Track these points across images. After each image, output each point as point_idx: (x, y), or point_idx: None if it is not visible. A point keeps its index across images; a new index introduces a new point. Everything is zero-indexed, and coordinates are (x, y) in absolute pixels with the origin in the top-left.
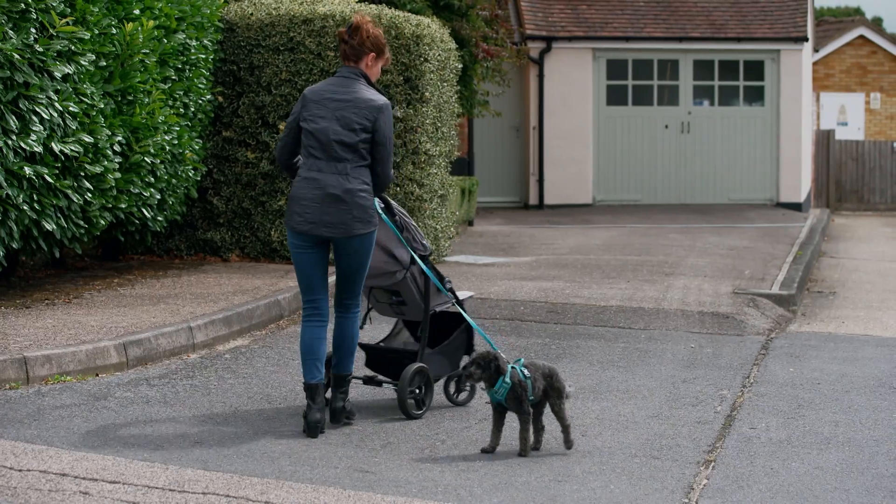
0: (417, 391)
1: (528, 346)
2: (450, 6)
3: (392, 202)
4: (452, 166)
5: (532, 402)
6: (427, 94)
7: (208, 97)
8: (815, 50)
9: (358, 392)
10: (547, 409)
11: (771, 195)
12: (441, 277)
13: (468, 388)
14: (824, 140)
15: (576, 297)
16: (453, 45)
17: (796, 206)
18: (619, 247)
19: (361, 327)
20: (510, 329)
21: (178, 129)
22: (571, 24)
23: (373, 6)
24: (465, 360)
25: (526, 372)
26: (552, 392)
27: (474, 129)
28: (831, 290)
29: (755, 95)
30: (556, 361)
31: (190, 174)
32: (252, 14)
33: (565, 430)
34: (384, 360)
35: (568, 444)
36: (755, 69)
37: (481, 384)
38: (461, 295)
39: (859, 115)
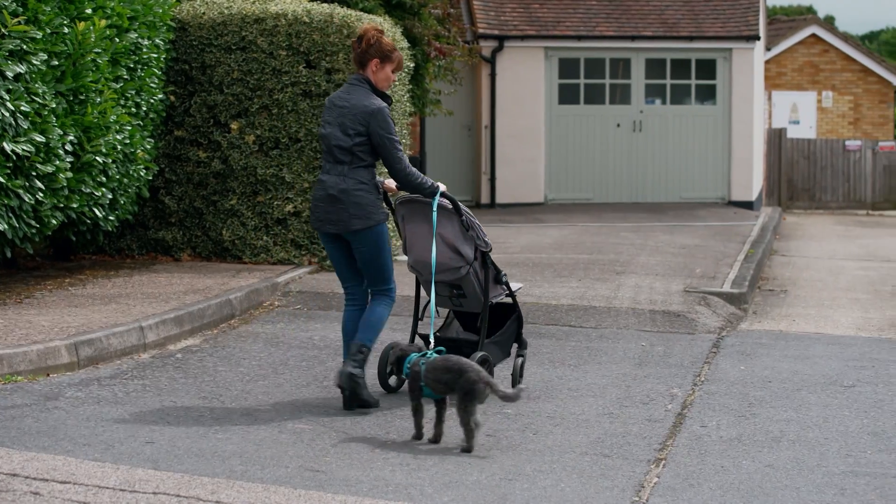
0: None
1: None
2: (402, 5)
3: (458, 202)
4: None
5: (431, 396)
6: None
7: (160, 96)
8: (768, 48)
9: (312, 393)
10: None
11: (723, 194)
12: (498, 271)
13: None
14: (776, 138)
15: (527, 296)
16: (405, 44)
17: (748, 205)
18: (570, 245)
19: (421, 319)
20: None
21: (129, 128)
22: (524, 23)
23: (325, 5)
24: (514, 347)
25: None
26: (457, 390)
27: (426, 127)
28: (783, 288)
29: (707, 94)
30: (505, 361)
31: (142, 173)
32: (204, 13)
33: (464, 433)
34: (446, 350)
35: (464, 448)
36: (707, 68)
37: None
38: (513, 286)
39: (811, 114)
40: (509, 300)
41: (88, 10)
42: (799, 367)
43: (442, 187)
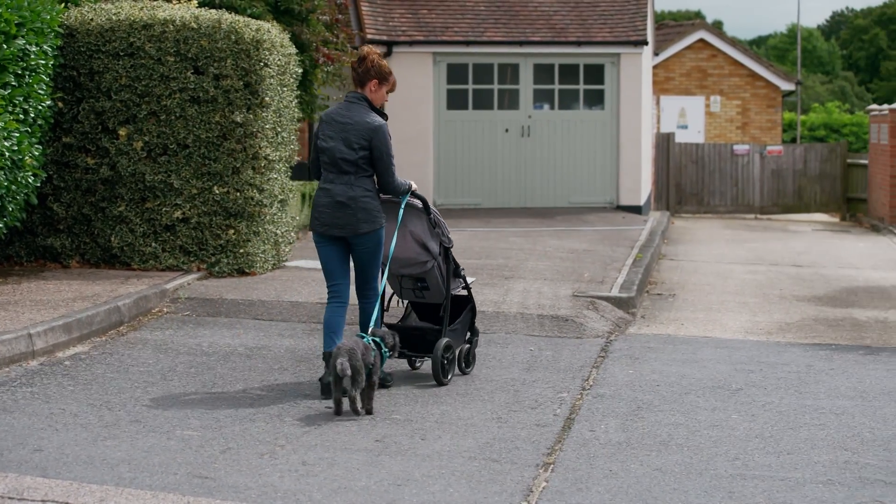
0: (445, 361)
1: None
2: (290, 11)
3: (427, 201)
4: (293, 171)
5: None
6: (267, 98)
7: (48, 103)
8: (656, 53)
9: (200, 400)
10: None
11: (611, 198)
12: (457, 265)
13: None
14: (664, 143)
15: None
16: (293, 50)
17: (636, 209)
18: (459, 250)
19: (386, 310)
20: (350, 333)
21: (17, 135)
22: (412, 29)
23: (213, 11)
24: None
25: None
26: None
27: (315, 133)
28: (671, 292)
29: (595, 99)
30: (394, 366)
31: (30, 180)
32: (92, 19)
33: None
34: (410, 337)
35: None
36: (595, 73)
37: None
38: (468, 280)
39: (699, 118)
40: (464, 292)
41: None
42: (687, 371)
43: (413, 186)
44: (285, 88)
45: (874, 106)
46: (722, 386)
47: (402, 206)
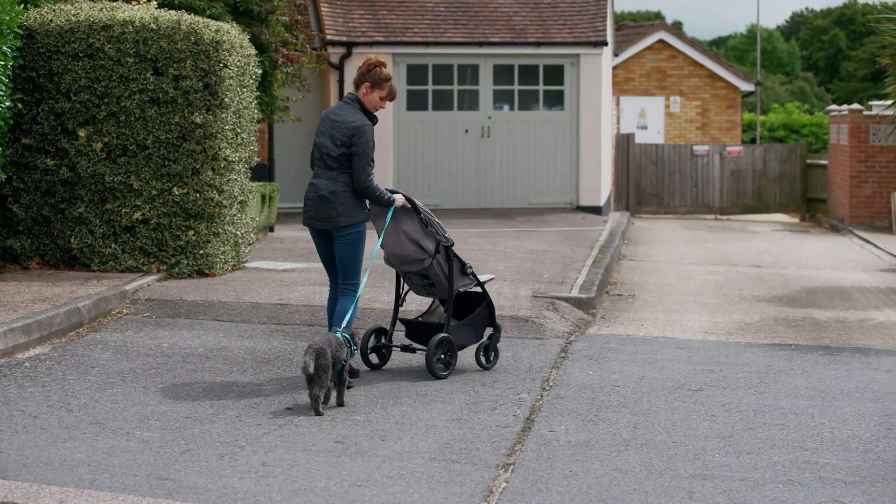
0: (443, 356)
1: None
2: (249, 12)
3: (417, 202)
4: (253, 172)
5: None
6: (227, 99)
7: (7, 104)
8: (616, 54)
9: (160, 401)
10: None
11: (571, 199)
12: (463, 264)
13: (492, 356)
14: (624, 143)
15: (375, 302)
16: (253, 51)
17: (596, 210)
18: None
19: (401, 305)
20: (310, 334)
21: None
22: (372, 30)
23: (172, 12)
24: (488, 331)
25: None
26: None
27: (275, 134)
28: (631, 292)
29: (555, 100)
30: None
31: None
32: (52, 20)
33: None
34: (420, 332)
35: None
36: (555, 73)
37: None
38: (482, 277)
39: (659, 119)
40: (479, 290)
41: None
42: (647, 372)
43: (398, 202)
44: (245, 89)
45: (834, 107)
46: (682, 386)
47: (387, 221)
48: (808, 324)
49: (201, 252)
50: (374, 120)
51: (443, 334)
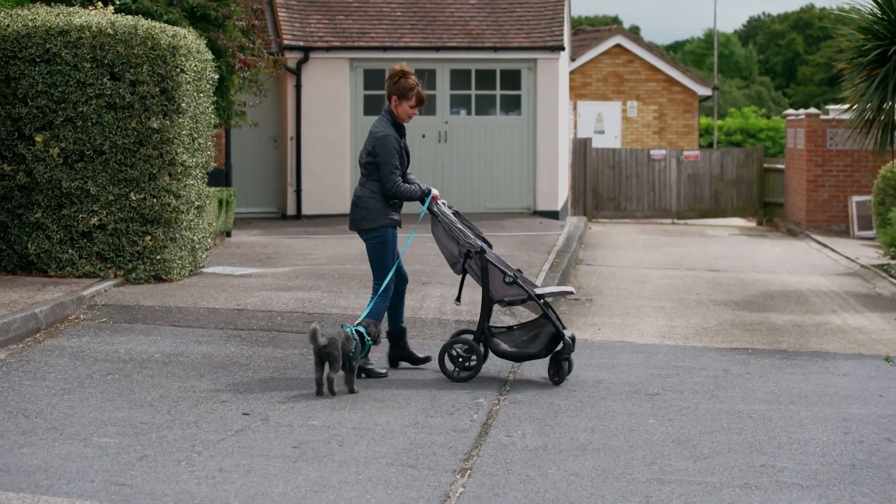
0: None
1: (285, 356)
2: (206, 17)
3: (441, 207)
4: (209, 177)
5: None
6: (183, 104)
7: None
8: (573, 59)
9: (117, 406)
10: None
11: (528, 203)
12: (504, 272)
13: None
14: (581, 148)
15: (333, 307)
16: (210, 56)
17: (553, 215)
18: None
19: (458, 300)
20: (267, 340)
21: None
22: (329, 34)
23: (129, 17)
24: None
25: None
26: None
27: (231, 139)
28: (588, 297)
29: (512, 104)
30: (312, 372)
31: None
32: (8, 25)
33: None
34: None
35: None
36: (512, 78)
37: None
38: (543, 290)
39: (616, 124)
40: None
41: None
42: (604, 376)
43: (434, 193)
44: (202, 94)
45: (791, 111)
46: (639, 390)
47: (421, 213)
48: (765, 328)
49: (158, 257)
50: (400, 131)
51: (463, 337)
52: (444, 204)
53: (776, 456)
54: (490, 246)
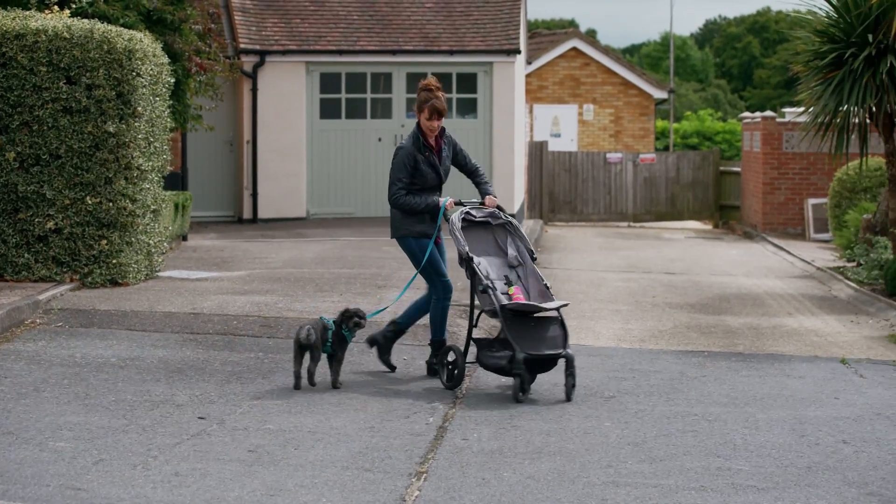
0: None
1: (241, 360)
2: (162, 20)
3: (455, 221)
4: (165, 181)
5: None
6: (139, 108)
7: None
8: (529, 62)
9: (73, 411)
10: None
11: None
12: (480, 282)
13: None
14: (538, 151)
15: (289, 311)
16: (166, 60)
17: None
18: (332, 260)
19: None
20: (223, 344)
21: None
22: (285, 38)
23: (85, 21)
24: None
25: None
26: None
27: (188, 143)
28: None
29: (468, 107)
30: (267, 376)
31: None
32: None
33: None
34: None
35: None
36: (468, 81)
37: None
38: (550, 304)
39: (572, 127)
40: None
41: None
42: (560, 379)
43: (447, 204)
44: (158, 98)
45: (747, 114)
46: (594, 393)
47: (440, 212)
48: (721, 330)
49: (114, 261)
50: (418, 146)
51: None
52: (467, 211)
53: (732, 458)
54: (533, 257)
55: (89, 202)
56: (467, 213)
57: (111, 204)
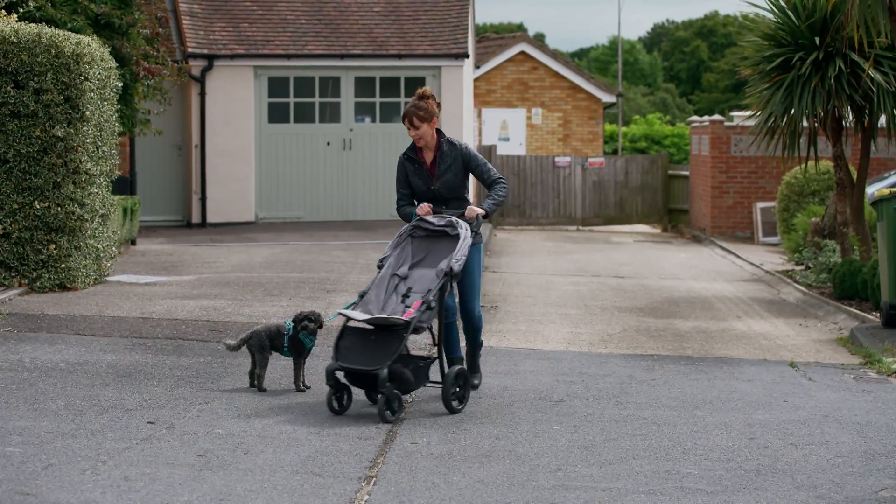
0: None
1: (190, 364)
2: (110, 25)
3: (426, 226)
4: (114, 186)
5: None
6: (87, 113)
7: None
8: (477, 66)
9: (22, 415)
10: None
11: None
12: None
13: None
14: (486, 155)
15: (238, 315)
16: (114, 64)
17: None
18: (281, 264)
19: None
20: (172, 348)
21: None
22: (233, 42)
23: (33, 25)
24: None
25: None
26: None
27: (136, 147)
28: (493, 304)
29: None
30: (217, 380)
31: None
32: None
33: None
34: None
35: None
36: (416, 85)
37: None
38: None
39: (521, 131)
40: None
41: None
42: (508, 383)
43: (419, 211)
44: (106, 102)
45: (695, 118)
46: (544, 397)
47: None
48: (670, 334)
49: (63, 266)
50: (411, 157)
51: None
52: (421, 220)
53: (681, 462)
54: (452, 273)
55: (37, 207)
56: (420, 222)
57: (59, 208)
